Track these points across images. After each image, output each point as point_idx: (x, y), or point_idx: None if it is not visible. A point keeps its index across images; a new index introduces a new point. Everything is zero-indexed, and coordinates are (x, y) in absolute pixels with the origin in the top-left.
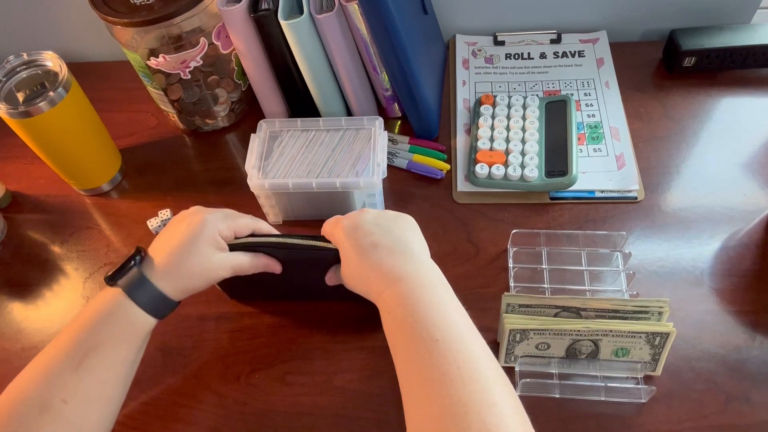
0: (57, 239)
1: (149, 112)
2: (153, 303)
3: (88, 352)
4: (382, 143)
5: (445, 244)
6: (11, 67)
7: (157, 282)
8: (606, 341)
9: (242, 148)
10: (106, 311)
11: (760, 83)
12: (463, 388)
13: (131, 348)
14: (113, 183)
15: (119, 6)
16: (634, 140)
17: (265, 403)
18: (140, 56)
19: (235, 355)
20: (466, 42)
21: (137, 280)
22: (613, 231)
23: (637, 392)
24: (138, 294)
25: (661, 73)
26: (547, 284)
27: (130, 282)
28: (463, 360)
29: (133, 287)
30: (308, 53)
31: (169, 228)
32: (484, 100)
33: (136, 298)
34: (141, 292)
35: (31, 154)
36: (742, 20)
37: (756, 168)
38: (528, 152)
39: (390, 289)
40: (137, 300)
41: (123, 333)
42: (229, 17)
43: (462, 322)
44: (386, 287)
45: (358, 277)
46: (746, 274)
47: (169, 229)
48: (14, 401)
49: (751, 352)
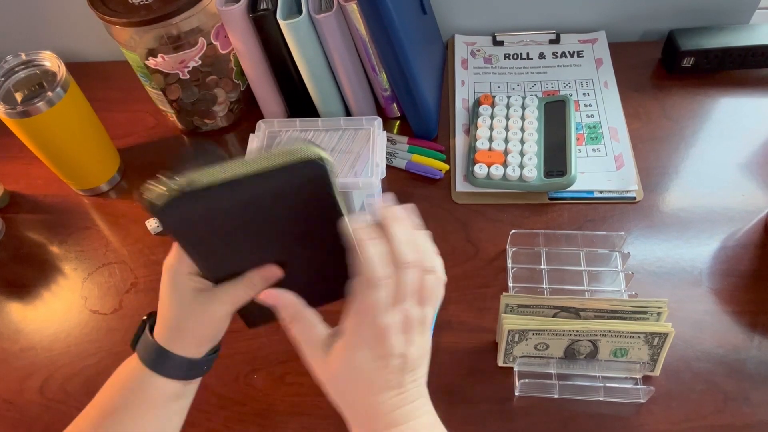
0: (55, 239)
1: (148, 112)
2: (175, 369)
3: (104, 417)
4: (381, 143)
5: (444, 245)
6: (9, 67)
7: (173, 349)
8: (605, 341)
9: (241, 148)
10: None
11: (760, 83)
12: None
13: (153, 413)
14: (112, 183)
15: (118, 6)
16: (633, 140)
17: (265, 403)
18: (139, 56)
19: (235, 355)
20: (465, 42)
21: (152, 348)
22: (612, 231)
23: (635, 392)
24: (154, 363)
25: (660, 74)
26: (546, 284)
27: (146, 350)
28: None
29: (149, 356)
30: (307, 53)
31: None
32: (483, 101)
33: (158, 369)
34: (155, 360)
35: (29, 155)
36: (741, 20)
37: (755, 168)
38: (527, 152)
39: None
40: (160, 371)
41: (143, 397)
42: (227, 17)
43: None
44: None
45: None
46: (745, 275)
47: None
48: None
49: (749, 352)
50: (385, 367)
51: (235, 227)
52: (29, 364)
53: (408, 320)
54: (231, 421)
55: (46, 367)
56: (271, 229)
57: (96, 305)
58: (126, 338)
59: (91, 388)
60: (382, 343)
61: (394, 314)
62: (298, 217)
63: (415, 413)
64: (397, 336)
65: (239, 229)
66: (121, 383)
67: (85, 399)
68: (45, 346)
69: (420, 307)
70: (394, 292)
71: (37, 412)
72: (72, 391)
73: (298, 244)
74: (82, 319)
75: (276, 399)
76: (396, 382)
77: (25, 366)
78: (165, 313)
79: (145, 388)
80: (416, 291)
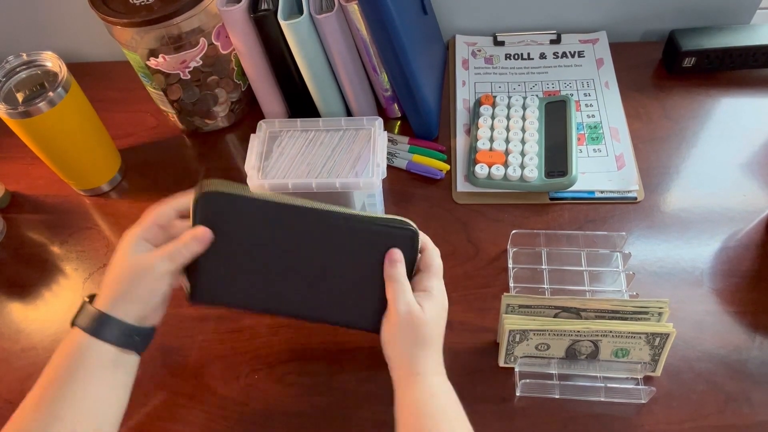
0: (56, 239)
1: (149, 112)
2: (117, 334)
3: (46, 387)
4: (381, 143)
5: (445, 245)
6: (11, 68)
7: (114, 313)
8: (606, 342)
9: (242, 148)
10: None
11: (760, 83)
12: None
13: (94, 381)
14: (113, 183)
15: (119, 6)
16: (633, 140)
17: (265, 403)
18: (140, 56)
19: (235, 355)
20: (466, 42)
21: (96, 316)
22: (613, 231)
23: (637, 393)
24: (96, 330)
25: (661, 74)
26: (547, 285)
27: (87, 318)
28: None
29: (93, 324)
30: (308, 53)
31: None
32: (484, 101)
33: (96, 333)
34: (102, 328)
35: (30, 155)
36: (741, 21)
37: (756, 168)
38: (528, 152)
39: (433, 378)
40: (97, 334)
41: (84, 365)
42: (228, 17)
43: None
44: (430, 375)
45: (413, 336)
46: (746, 275)
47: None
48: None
49: (750, 352)
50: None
51: (274, 244)
52: (30, 364)
53: None
54: (231, 421)
55: None
56: (316, 256)
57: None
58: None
59: None
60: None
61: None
62: (360, 258)
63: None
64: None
65: (278, 247)
66: (60, 356)
67: None
68: (46, 346)
69: None
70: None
71: None
72: None
73: (334, 275)
74: None
75: (276, 399)
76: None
77: (26, 366)
78: (108, 277)
79: (83, 354)
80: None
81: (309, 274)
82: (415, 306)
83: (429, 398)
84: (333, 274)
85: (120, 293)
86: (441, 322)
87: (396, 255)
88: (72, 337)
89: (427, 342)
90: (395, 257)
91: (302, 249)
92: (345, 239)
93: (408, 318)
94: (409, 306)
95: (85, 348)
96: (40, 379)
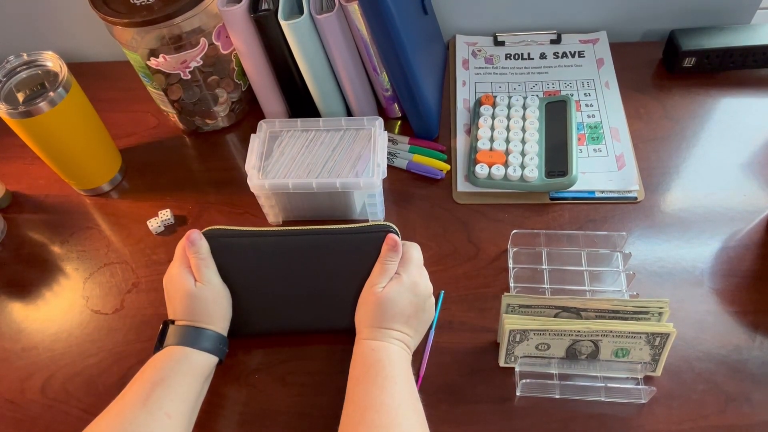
0: (57, 239)
1: (149, 112)
2: (209, 343)
3: (154, 386)
4: (382, 143)
5: (445, 245)
6: (11, 68)
7: (199, 325)
8: (606, 342)
9: (242, 148)
10: (171, 359)
11: (760, 83)
12: (389, 419)
13: (193, 384)
14: (113, 183)
15: (119, 6)
16: (634, 140)
17: (265, 403)
18: (140, 56)
19: (235, 356)
20: (466, 42)
21: (185, 331)
22: (613, 231)
23: (637, 393)
24: (192, 341)
25: (661, 74)
26: (547, 284)
27: (180, 335)
28: (400, 410)
29: (185, 337)
30: (308, 53)
31: (167, 291)
32: (484, 101)
33: (193, 344)
34: (192, 338)
35: (31, 155)
36: (742, 21)
37: (756, 168)
38: (528, 152)
39: (391, 341)
40: (195, 345)
41: (185, 369)
42: (229, 17)
43: (413, 397)
44: (389, 337)
45: (379, 303)
46: (746, 275)
47: (167, 293)
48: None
49: (751, 352)
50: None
51: (272, 266)
52: (31, 363)
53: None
54: (231, 421)
55: (48, 367)
56: (311, 274)
57: (97, 305)
58: (128, 338)
59: (92, 388)
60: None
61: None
62: (351, 266)
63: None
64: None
65: (276, 267)
66: (162, 362)
67: (87, 399)
68: (46, 345)
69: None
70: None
71: (39, 411)
72: (73, 391)
73: (330, 279)
74: (83, 318)
75: (276, 399)
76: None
77: (27, 366)
78: (184, 305)
79: (187, 361)
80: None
81: (308, 290)
82: (377, 286)
83: (369, 352)
84: (329, 285)
85: (206, 313)
86: (402, 303)
87: (392, 240)
88: (166, 352)
89: (379, 317)
90: (390, 243)
91: (296, 270)
92: (333, 252)
93: (366, 296)
94: (373, 286)
95: (184, 357)
96: (137, 380)
